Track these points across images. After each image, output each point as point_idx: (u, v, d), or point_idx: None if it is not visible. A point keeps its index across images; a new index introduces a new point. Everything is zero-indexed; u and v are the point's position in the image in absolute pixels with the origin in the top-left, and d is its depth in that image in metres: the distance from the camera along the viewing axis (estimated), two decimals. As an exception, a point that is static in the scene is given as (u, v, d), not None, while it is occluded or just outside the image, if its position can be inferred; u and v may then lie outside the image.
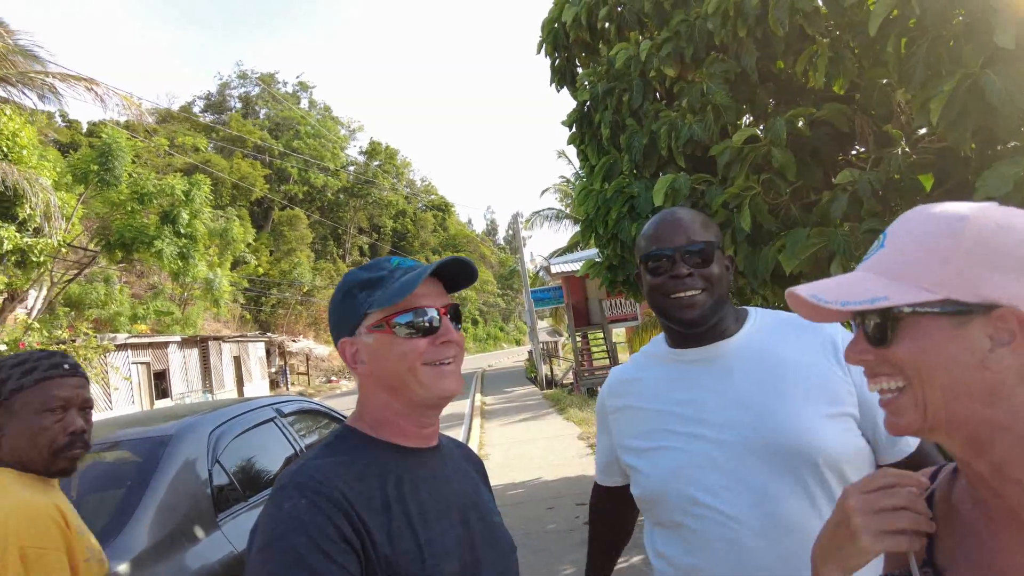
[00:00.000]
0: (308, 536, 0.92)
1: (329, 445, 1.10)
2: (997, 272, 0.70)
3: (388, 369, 1.09)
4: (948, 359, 0.71)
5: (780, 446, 1.27)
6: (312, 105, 62.75)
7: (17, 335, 11.06)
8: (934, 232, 0.74)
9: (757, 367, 1.35)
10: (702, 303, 1.35)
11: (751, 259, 2.59)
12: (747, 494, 1.28)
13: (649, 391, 1.45)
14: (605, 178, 3.26)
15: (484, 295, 67.89)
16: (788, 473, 1.27)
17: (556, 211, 28.58)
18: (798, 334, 1.39)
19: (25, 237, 10.69)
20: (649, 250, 1.40)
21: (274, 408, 3.60)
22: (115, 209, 16.19)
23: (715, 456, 1.32)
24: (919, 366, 0.72)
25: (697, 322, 1.36)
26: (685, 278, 1.35)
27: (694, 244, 1.36)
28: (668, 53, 2.93)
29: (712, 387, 1.37)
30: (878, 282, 0.75)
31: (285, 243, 45.58)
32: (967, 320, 0.70)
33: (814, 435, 1.27)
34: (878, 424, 1.31)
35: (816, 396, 1.31)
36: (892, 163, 2.35)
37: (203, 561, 2.40)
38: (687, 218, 1.41)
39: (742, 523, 1.28)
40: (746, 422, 1.31)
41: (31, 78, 11.40)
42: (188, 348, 23.33)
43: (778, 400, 1.31)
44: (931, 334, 0.72)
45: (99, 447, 2.95)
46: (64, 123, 36.49)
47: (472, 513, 1.14)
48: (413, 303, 1.09)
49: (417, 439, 1.14)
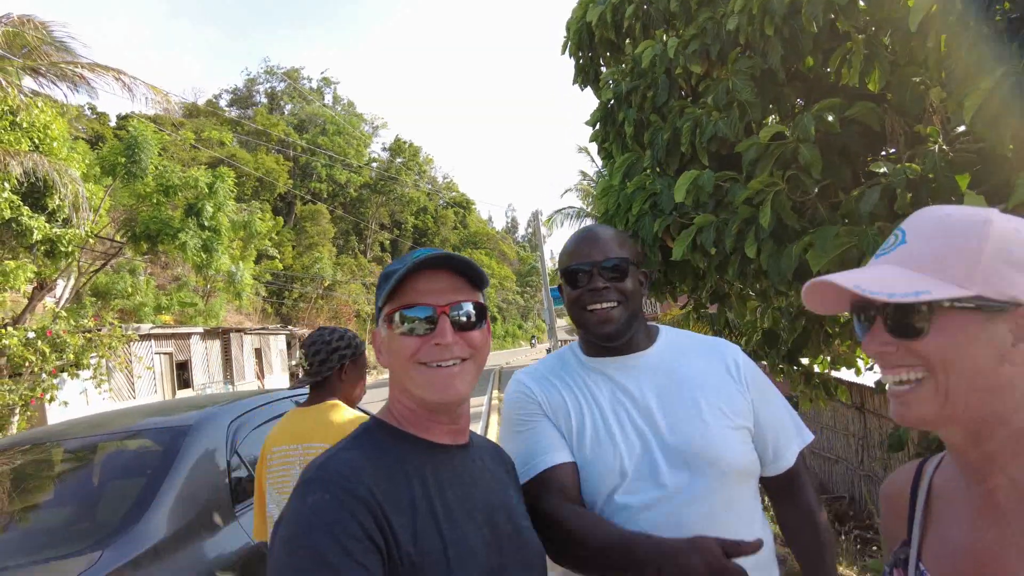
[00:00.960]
0: (331, 533, 0.90)
1: (357, 438, 1.08)
2: (1021, 273, 0.74)
3: (391, 364, 1.09)
4: (975, 352, 0.74)
5: (690, 452, 1.36)
6: (336, 101, 63.21)
7: (46, 323, 11.27)
8: (961, 232, 0.77)
9: (668, 381, 1.45)
10: (617, 317, 1.44)
11: (775, 258, 2.52)
12: (664, 499, 1.35)
13: (567, 396, 1.49)
14: (626, 175, 3.21)
15: (503, 292, 67.92)
16: (701, 480, 1.35)
17: (577, 210, 28.48)
18: (703, 352, 1.51)
19: (54, 228, 10.88)
20: (569, 265, 1.49)
21: (293, 400, 3.62)
22: (141, 201, 16.43)
23: (631, 462, 1.38)
24: (948, 358, 0.75)
25: (612, 336, 1.45)
26: (601, 291, 1.44)
27: (609, 260, 1.45)
28: (694, 51, 2.88)
29: (627, 398, 1.44)
30: (913, 276, 0.78)
31: (307, 238, 45.97)
32: (995, 316, 0.74)
33: (720, 444, 1.37)
34: (767, 440, 1.47)
35: (721, 410, 1.41)
36: (927, 160, 2.28)
37: (220, 551, 2.41)
38: (605, 235, 1.50)
39: (659, 527, 1.30)
40: (659, 430, 1.39)
41: (62, 69, 11.60)
42: (210, 340, 23.61)
43: (688, 411, 1.40)
44: (963, 328, 0.75)
45: (121, 435, 2.98)
46: (93, 115, 37.12)
47: (500, 515, 1.11)
48: (411, 299, 1.06)
49: (444, 435, 1.11)
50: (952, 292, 0.75)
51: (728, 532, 1.27)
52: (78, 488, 2.77)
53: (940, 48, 2.09)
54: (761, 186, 2.49)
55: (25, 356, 10.13)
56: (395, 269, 1.08)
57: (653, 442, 1.38)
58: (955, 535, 0.82)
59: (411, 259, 1.07)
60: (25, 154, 9.96)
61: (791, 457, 1.50)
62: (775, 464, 1.49)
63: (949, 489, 0.86)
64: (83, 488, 2.74)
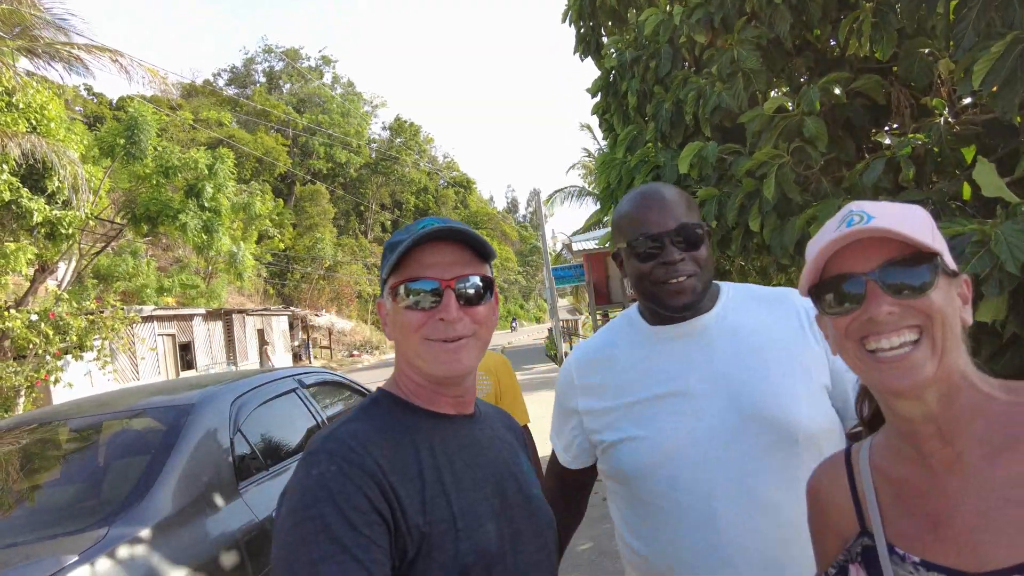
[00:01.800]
0: (336, 505, 0.89)
1: (364, 409, 1.06)
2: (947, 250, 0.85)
3: (396, 337, 1.07)
4: (953, 311, 0.81)
5: (761, 421, 1.27)
6: (335, 80, 62.64)
7: (48, 305, 11.28)
8: (911, 212, 0.84)
9: (735, 342, 1.34)
10: (692, 288, 1.31)
11: (777, 232, 2.51)
12: (725, 470, 1.27)
13: (624, 367, 1.41)
14: (629, 148, 3.18)
15: (505, 272, 67.88)
16: (767, 449, 1.26)
17: (579, 188, 28.30)
18: (770, 307, 1.39)
19: (54, 210, 10.85)
20: (636, 234, 1.32)
21: (296, 379, 3.62)
22: (141, 182, 16.36)
23: (695, 432, 1.30)
24: (945, 314, 0.80)
25: (687, 308, 1.32)
26: (678, 263, 1.29)
27: (685, 226, 1.30)
28: (698, 19, 2.83)
29: (691, 363, 1.34)
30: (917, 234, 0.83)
31: (307, 218, 45.84)
32: (952, 280, 0.83)
33: (793, 411, 1.26)
34: (848, 393, 1.33)
35: (793, 371, 1.30)
36: (933, 133, 2.25)
37: (224, 528, 2.43)
38: (673, 198, 1.34)
39: (719, 499, 1.26)
40: (727, 397, 1.30)
41: (57, 49, 11.47)
42: (212, 321, 23.68)
43: (758, 375, 1.30)
44: (947, 288, 0.82)
45: (125, 414, 2.99)
46: (90, 96, 36.86)
47: (510, 484, 1.10)
48: (416, 272, 1.03)
49: (450, 406, 1.10)
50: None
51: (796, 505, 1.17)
52: (84, 466, 2.79)
53: (949, 16, 2.05)
54: (766, 158, 2.47)
55: (29, 338, 10.17)
56: (400, 239, 1.05)
57: (717, 409, 1.29)
58: (925, 510, 0.82)
59: (416, 230, 1.04)
60: (23, 135, 9.90)
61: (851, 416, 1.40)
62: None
63: (898, 469, 0.86)
64: (89, 466, 2.76)
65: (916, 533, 0.82)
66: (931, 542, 0.80)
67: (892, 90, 2.69)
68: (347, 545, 0.87)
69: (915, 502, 0.83)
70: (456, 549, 0.96)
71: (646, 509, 1.36)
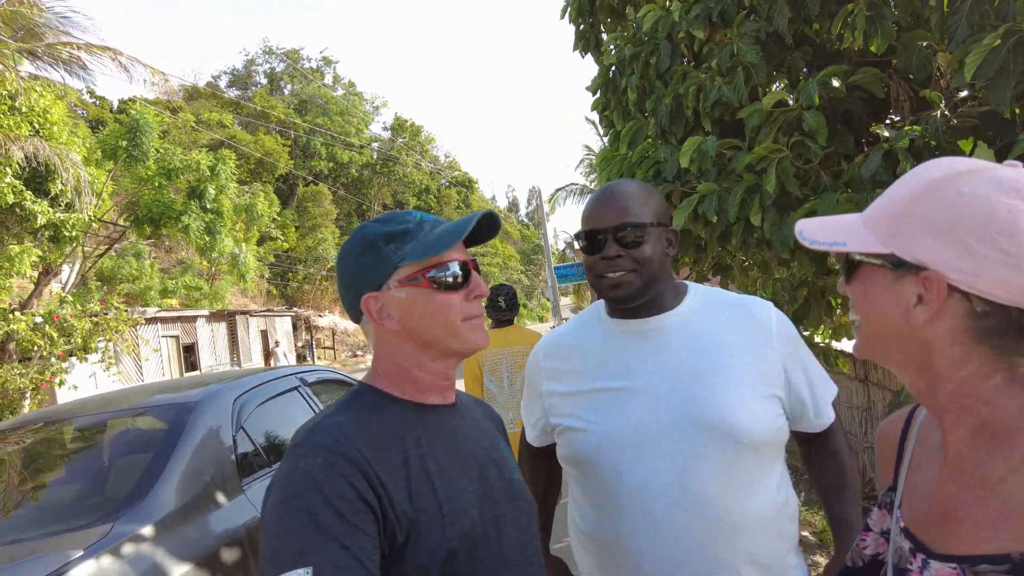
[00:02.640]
0: (322, 495, 0.90)
1: (347, 403, 1.08)
2: (930, 236, 0.75)
3: (422, 323, 1.07)
4: (883, 305, 0.81)
5: (707, 423, 1.31)
6: (336, 80, 62.67)
7: (52, 308, 11.33)
8: (906, 191, 0.80)
9: (691, 345, 1.38)
10: (629, 283, 1.37)
11: (778, 226, 2.51)
12: (668, 465, 1.31)
13: (585, 356, 1.46)
14: (630, 144, 3.19)
15: (507, 271, 67.86)
16: (708, 448, 1.31)
17: (580, 187, 28.29)
18: (733, 313, 1.42)
19: (58, 212, 10.88)
20: (584, 228, 1.42)
21: (298, 377, 3.64)
22: (143, 185, 16.40)
23: (641, 426, 1.34)
24: (863, 307, 0.83)
25: (624, 300, 1.39)
26: (614, 259, 1.37)
27: (625, 225, 1.36)
28: (697, 15, 2.84)
29: (646, 359, 1.39)
30: (854, 228, 0.83)
31: (310, 219, 45.88)
32: (903, 275, 0.78)
33: (741, 416, 1.30)
34: (806, 400, 1.41)
35: (746, 378, 1.34)
36: (930, 126, 2.26)
37: (227, 524, 2.44)
38: (625, 194, 1.40)
39: (659, 492, 1.31)
40: (675, 397, 1.34)
41: (58, 51, 11.51)
42: (216, 322, 23.73)
43: (708, 379, 1.33)
44: (874, 282, 0.81)
45: (128, 413, 3.01)
46: (93, 99, 36.95)
47: (492, 470, 1.12)
48: (446, 256, 1.07)
49: (437, 395, 1.12)
50: (866, 247, 0.80)
51: (734, 506, 1.30)
52: (88, 464, 2.81)
53: (943, 8, 2.05)
54: (765, 152, 2.47)
55: (33, 340, 10.21)
56: (407, 228, 1.08)
57: (664, 407, 1.33)
58: (925, 484, 0.85)
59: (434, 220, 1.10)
60: (26, 139, 9.93)
61: (831, 412, 1.46)
62: (818, 420, 1.44)
63: (927, 438, 0.89)
64: (93, 464, 2.78)
65: (910, 502, 0.87)
66: (918, 512, 0.84)
67: (891, 83, 2.69)
68: (335, 534, 0.88)
69: (922, 472, 0.87)
70: (443, 534, 0.98)
71: (594, 493, 1.41)
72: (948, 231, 0.74)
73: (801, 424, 1.45)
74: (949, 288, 0.75)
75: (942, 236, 0.74)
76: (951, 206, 0.74)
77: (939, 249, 0.75)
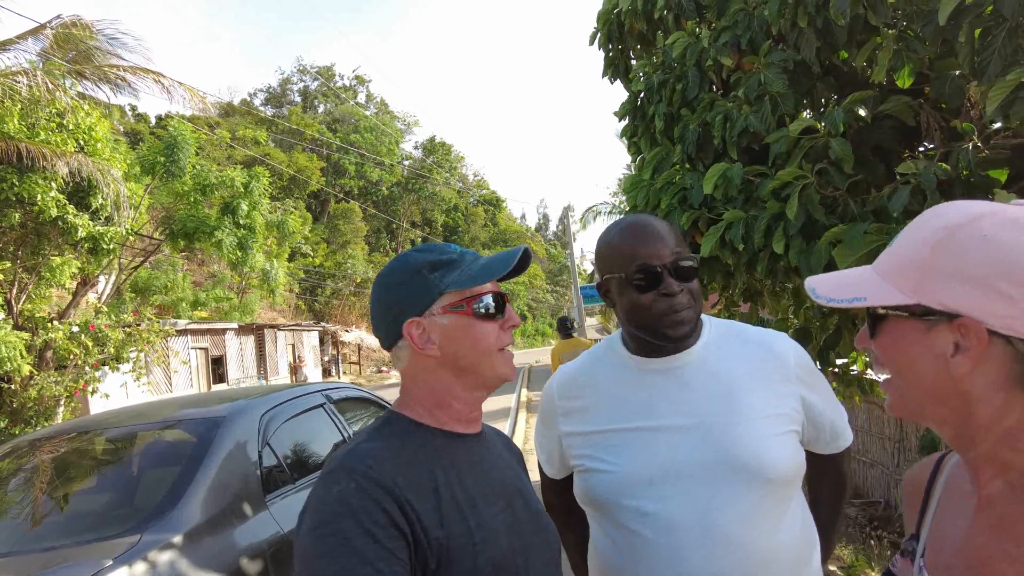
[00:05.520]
0: (356, 520, 0.92)
1: (378, 429, 1.11)
2: (960, 283, 0.73)
3: (462, 349, 1.09)
4: (916, 358, 0.77)
5: (731, 462, 1.29)
6: (369, 99, 63.81)
7: (88, 317, 11.63)
8: (921, 237, 0.78)
9: (712, 381, 1.36)
10: (690, 319, 1.34)
11: (804, 254, 2.49)
12: (693, 504, 1.30)
13: (603, 395, 1.43)
14: (656, 170, 3.20)
15: (533, 291, 67.82)
16: (735, 488, 1.29)
17: (610, 206, 28.27)
18: (750, 349, 1.41)
19: (97, 225, 11.20)
20: (634, 264, 1.34)
21: (323, 394, 3.69)
22: (179, 200, 16.80)
23: (665, 466, 1.32)
24: (895, 362, 0.80)
25: (686, 338, 1.36)
26: (677, 295, 1.32)
27: (683, 259, 1.34)
28: (725, 42, 2.86)
29: (668, 398, 1.37)
30: (870, 281, 0.81)
31: (340, 236, 46.51)
32: (935, 325, 0.75)
33: (764, 454, 1.30)
34: (824, 426, 1.42)
35: (766, 414, 1.33)
36: (961, 157, 2.24)
37: (251, 539, 2.48)
38: (665, 230, 1.37)
39: (686, 532, 1.29)
40: (699, 435, 1.32)
41: (105, 72, 11.92)
42: (244, 335, 24.09)
43: (730, 417, 1.32)
44: (903, 334, 0.78)
45: (158, 425, 3.08)
46: (134, 117, 38.12)
47: (517, 500, 1.14)
48: (486, 288, 1.11)
49: (467, 425, 1.14)
50: (890, 299, 0.78)
51: (762, 542, 1.29)
52: (119, 474, 2.87)
53: (973, 42, 2.04)
54: (790, 178, 2.46)
55: (70, 349, 10.48)
56: (451, 259, 1.12)
57: (688, 446, 1.32)
58: (954, 533, 0.83)
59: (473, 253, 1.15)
60: (71, 155, 10.27)
61: (850, 434, 1.49)
62: (834, 443, 1.47)
63: (958, 486, 0.86)
64: (123, 474, 2.85)
65: (935, 550, 0.85)
66: (944, 561, 0.82)
67: (922, 112, 2.67)
68: (370, 558, 0.90)
69: (950, 520, 0.85)
70: (474, 562, 0.99)
71: (616, 533, 1.38)
72: (979, 277, 0.72)
73: (816, 447, 1.47)
74: (989, 333, 0.72)
75: (973, 283, 0.72)
76: (977, 251, 0.73)
77: (971, 296, 0.72)
